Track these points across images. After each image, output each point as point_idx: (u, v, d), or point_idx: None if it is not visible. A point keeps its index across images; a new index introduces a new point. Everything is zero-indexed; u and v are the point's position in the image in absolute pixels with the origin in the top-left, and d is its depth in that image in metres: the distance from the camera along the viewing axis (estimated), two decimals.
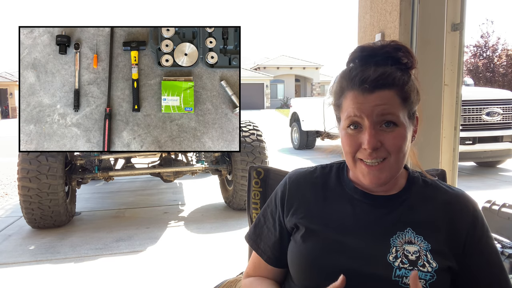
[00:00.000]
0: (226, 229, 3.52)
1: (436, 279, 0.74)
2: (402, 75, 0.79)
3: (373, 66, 0.79)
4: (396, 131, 0.78)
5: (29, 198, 3.27)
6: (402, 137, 0.78)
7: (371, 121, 0.77)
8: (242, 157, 3.77)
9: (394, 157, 0.78)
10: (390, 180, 0.81)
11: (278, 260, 0.90)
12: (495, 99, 5.66)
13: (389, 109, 0.77)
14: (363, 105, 0.77)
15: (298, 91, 36.13)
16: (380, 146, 0.77)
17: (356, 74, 0.79)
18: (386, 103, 0.76)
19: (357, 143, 0.79)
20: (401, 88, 0.78)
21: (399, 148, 0.78)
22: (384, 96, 0.77)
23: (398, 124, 0.78)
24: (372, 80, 0.76)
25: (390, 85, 0.77)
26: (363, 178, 0.80)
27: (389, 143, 0.77)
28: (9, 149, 8.29)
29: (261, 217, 0.95)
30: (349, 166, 0.85)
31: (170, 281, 2.51)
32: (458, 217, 0.82)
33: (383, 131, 0.77)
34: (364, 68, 0.79)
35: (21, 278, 2.59)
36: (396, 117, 0.77)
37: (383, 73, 0.77)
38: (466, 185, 4.89)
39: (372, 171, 0.78)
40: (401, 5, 1.79)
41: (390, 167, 0.79)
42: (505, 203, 1.87)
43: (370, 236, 0.80)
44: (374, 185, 0.80)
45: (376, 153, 0.77)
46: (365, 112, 0.77)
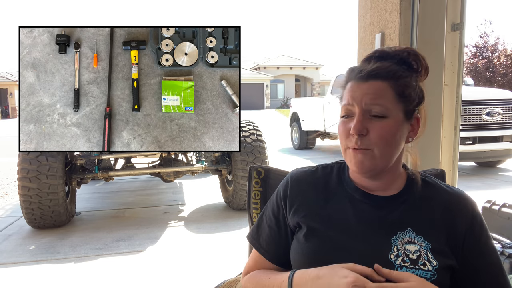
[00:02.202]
0: (226, 229, 3.52)
1: (437, 278, 0.75)
2: (401, 70, 0.81)
3: (375, 60, 0.82)
4: (383, 121, 0.79)
5: (29, 198, 3.27)
6: (389, 129, 0.79)
7: (360, 108, 0.79)
8: (242, 157, 3.77)
9: (379, 149, 0.79)
10: (377, 171, 0.81)
11: (280, 258, 0.90)
12: (495, 99, 5.66)
13: (378, 99, 0.78)
14: (355, 93, 0.80)
15: (298, 91, 36.13)
16: (366, 134, 0.78)
17: (358, 67, 0.83)
18: (377, 93, 0.79)
19: (347, 129, 0.81)
20: (396, 81, 0.80)
21: (384, 139, 0.78)
22: (376, 86, 0.79)
23: (388, 116, 0.79)
24: (367, 70, 0.80)
25: (384, 77, 0.80)
26: (351, 164, 0.82)
27: (375, 133, 0.78)
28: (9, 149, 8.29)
29: (263, 216, 0.96)
30: (343, 156, 0.86)
31: (170, 281, 2.51)
32: (457, 217, 0.82)
33: (372, 120, 0.79)
34: (366, 63, 0.83)
35: (21, 278, 2.59)
36: (384, 109, 0.78)
37: (380, 66, 0.81)
38: (466, 185, 4.89)
39: (356, 155, 0.80)
40: (401, 5, 1.79)
41: (374, 157, 0.79)
42: (505, 203, 1.87)
43: (371, 236, 0.80)
44: (359, 170, 0.81)
45: (361, 140, 0.78)
46: (356, 99, 0.80)
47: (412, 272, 0.75)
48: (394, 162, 0.83)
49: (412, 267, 0.75)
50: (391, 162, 0.82)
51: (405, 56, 0.83)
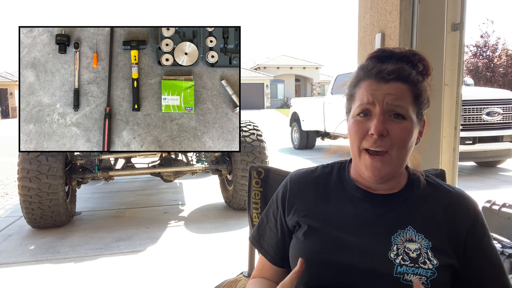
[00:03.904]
0: (226, 229, 3.52)
1: (437, 276, 0.75)
2: (417, 75, 0.82)
3: (391, 61, 0.82)
4: (403, 123, 0.79)
5: (29, 198, 3.27)
6: (409, 131, 0.79)
7: (381, 108, 0.79)
8: (242, 157, 3.77)
9: (397, 151, 0.79)
10: (390, 176, 0.82)
11: (281, 260, 0.91)
12: (495, 99, 5.65)
13: (400, 101, 0.79)
14: (376, 92, 0.80)
15: (298, 91, 36.12)
16: (386, 135, 0.78)
17: (374, 66, 0.82)
18: (398, 94, 0.79)
19: (364, 129, 0.80)
20: (414, 85, 0.81)
21: (403, 141, 0.79)
22: (398, 87, 0.80)
23: (407, 118, 0.79)
24: (389, 71, 0.80)
25: (405, 80, 0.80)
26: (365, 170, 0.81)
27: (395, 134, 0.78)
28: (9, 149, 8.29)
29: (264, 217, 0.97)
30: (353, 159, 0.85)
31: (170, 281, 2.51)
32: (458, 217, 0.82)
33: (392, 121, 0.79)
34: (382, 63, 0.82)
35: (21, 278, 2.59)
36: (405, 110, 0.79)
37: (401, 68, 0.81)
38: (466, 185, 4.89)
39: (374, 162, 0.79)
40: (401, 5, 1.79)
41: (391, 161, 0.79)
42: (505, 203, 1.87)
43: (371, 234, 0.81)
44: (375, 177, 0.80)
45: (381, 141, 0.78)
46: (377, 98, 0.79)
47: (412, 270, 0.75)
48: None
49: (412, 266, 0.76)
50: (403, 165, 0.82)
51: (416, 59, 0.84)
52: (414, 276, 0.74)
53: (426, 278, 0.74)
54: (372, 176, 0.80)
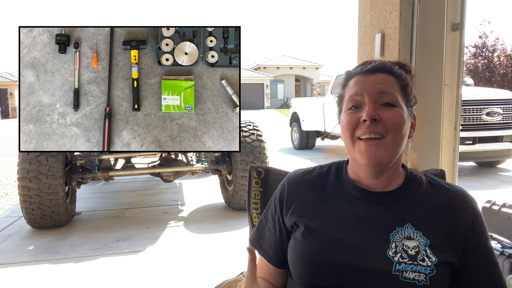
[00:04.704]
0: (226, 229, 3.52)
1: (436, 273, 0.75)
2: (400, 69, 0.86)
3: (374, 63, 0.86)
4: (394, 109, 0.81)
5: (29, 198, 3.27)
6: (401, 116, 0.81)
7: (370, 97, 0.81)
8: (242, 157, 3.77)
9: (392, 136, 0.79)
10: (386, 163, 0.81)
11: (280, 260, 0.91)
12: (495, 99, 5.65)
13: (388, 89, 0.81)
14: (364, 83, 0.83)
15: (298, 91, 36.12)
16: (379, 120, 0.79)
17: (359, 67, 0.87)
18: (386, 83, 0.82)
19: (356, 119, 0.81)
20: (399, 77, 0.84)
21: (397, 124, 0.80)
22: (384, 77, 0.83)
23: (397, 105, 0.81)
24: (373, 66, 0.85)
25: (389, 72, 0.84)
26: (361, 157, 0.81)
27: (388, 119, 0.79)
28: (9, 149, 8.29)
29: (263, 218, 0.97)
30: (348, 152, 0.85)
31: (170, 281, 2.51)
32: (458, 215, 0.82)
33: (382, 109, 0.81)
34: (366, 64, 0.87)
35: (21, 278, 2.59)
36: (395, 98, 0.81)
37: (384, 63, 0.86)
38: (466, 185, 4.87)
39: (369, 147, 0.79)
40: (401, 5, 1.79)
41: (387, 145, 0.80)
42: (505, 203, 1.87)
43: (369, 232, 0.81)
44: (371, 162, 0.80)
45: (374, 126, 0.79)
46: (365, 89, 0.82)
47: (411, 268, 0.75)
48: (396, 159, 0.83)
49: (410, 263, 0.76)
50: (398, 153, 0.83)
51: (395, 62, 0.88)
52: (413, 273, 0.75)
53: (425, 275, 0.74)
54: (368, 162, 0.80)
